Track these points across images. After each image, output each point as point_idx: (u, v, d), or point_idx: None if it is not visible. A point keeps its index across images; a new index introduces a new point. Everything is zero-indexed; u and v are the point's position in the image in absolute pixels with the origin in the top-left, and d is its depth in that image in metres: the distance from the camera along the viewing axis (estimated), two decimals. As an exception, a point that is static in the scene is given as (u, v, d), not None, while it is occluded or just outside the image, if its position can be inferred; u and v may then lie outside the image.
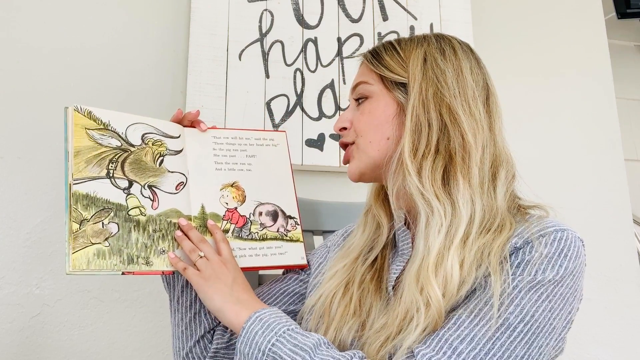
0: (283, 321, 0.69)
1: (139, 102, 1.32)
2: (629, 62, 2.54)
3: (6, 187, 1.22)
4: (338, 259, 0.82)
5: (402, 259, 0.76)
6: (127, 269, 0.75)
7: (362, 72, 0.81)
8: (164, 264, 0.78)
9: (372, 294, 0.75)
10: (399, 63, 0.76)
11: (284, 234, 0.89)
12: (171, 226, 0.81)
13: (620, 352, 1.54)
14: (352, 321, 0.73)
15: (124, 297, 1.24)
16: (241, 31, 1.39)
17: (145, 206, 0.80)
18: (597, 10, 1.77)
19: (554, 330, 0.63)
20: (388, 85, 0.77)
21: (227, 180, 0.88)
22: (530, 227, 0.67)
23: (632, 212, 1.65)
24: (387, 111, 0.76)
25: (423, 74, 0.74)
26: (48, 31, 1.30)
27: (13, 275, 1.19)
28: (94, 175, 0.77)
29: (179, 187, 0.84)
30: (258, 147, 0.93)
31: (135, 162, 0.82)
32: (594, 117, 1.67)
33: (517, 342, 0.61)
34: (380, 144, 0.76)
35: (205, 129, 0.89)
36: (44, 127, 1.25)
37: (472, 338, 0.61)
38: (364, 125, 0.77)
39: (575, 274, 0.65)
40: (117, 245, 0.76)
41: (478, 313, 0.63)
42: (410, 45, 0.78)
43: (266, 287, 0.90)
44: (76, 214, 0.74)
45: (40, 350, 1.18)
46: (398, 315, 0.66)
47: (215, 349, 0.83)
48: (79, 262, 0.72)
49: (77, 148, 0.77)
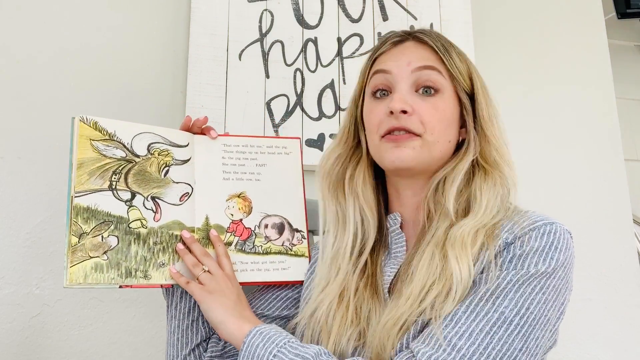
0: (283, 335, 0.69)
1: (139, 102, 1.32)
2: (629, 62, 2.54)
3: (6, 187, 1.22)
4: (328, 267, 0.80)
5: (396, 262, 0.76)
6: (125, 282, 0.75)
7: (426, 57, 0.77)
8: (163, 277, 0.78)
9: (368, 300, 0.74)
10: (466, 71, 0.78)
11: (289, 248, 0.87)
12: (172, 238, 0.80)
13: (620, 352, 1.54)
14: (351, 330, 0.73)
15: (124, 297, 1.24)
16: (241, 31, 1.39)
17: (147, 218, 0.79)
18: (597, 10, 1.76)
19: (549, 322, 0.65)
20: (457, 88, 0.77)
21: (234, 191, 0.86)
22: (519, 222, 0.69)
23: (632, 212, 1.65)
24: (454, 114, 0.77)
25: (482, 92, 0.78)
26: (48, 31, 1.30)
27: (13, 275, 1.19)
28: (96, 187, 0.77)
29: (183, 198, 0.83)
30: (269, 155, 0.90)
31: (140, 173, 0.81)
32: (594, 117, 1.67)
33: (514, 335, 0.62)
34: (444, 146, 0.76)
35: (215, 136, 0.87)
36: (44, 127, 1.25)
37: (470, 334, 0.62)
38: (438, 123, 0.75)
39: (566, 265, 0.67)
40: (115, 258, 0.75)
41: (474, 309, 0.63)
42: (463, 54, 0.80)
43: (259, 293, 0.89)
44: (76, 227, 0.74)
45: (40, 350, 1.18)
46: (412, 293, 0.67)
47: (209, 357, 0.82)
48: (76, 275, 0.72)
49: (80, 160, 0.77)
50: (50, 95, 1.27)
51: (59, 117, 1.24)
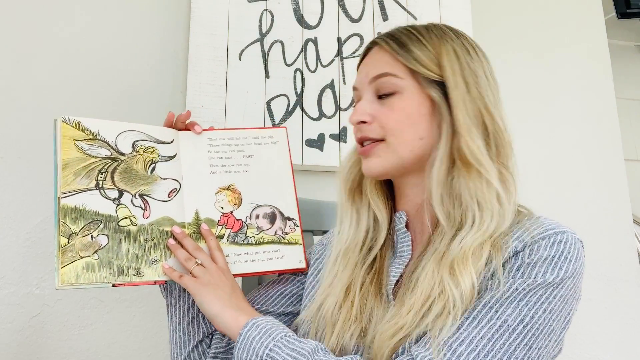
0: (280, 328, 0.69)
1: (139, 102, 1.32)
2: (629, 62, 2.54)
3: (6, 187, 1.22)
4: (338, 260, 0.80)
5: (401, 262, 0.75)
6: (118, 281, 0.75)
7: (384, 61, 0.75)
8: (156, 273, 0.77)
9: (372, 297, 0.74)
10: (431, 58, 0.73)
11: (282, 237, 0.86)
12: (163, 235, 0.80)
13: (620, 352, 1.54)
14: (354, 327, 0.72)
15: (124, 297, 1.24)
16: (241, 31, 1.39)
17: (136, 216, 0.79)
18: (597, 10, 1.77)
19: (553, 332, 0.63)
20: (421, 82, 0.73)
21: (222, 184, 0.86)
22: (530, 229, 0.67)
23: (632, 212, 1.65)
24: (421, 110, 0.73)
25: (461, 74, 0.72)
26: (47, 31, 1.30)
27: (13, 275, 1.19)
28: (82, 187, 0.77)
29: (171, 194, 0.82)
30: (256, 146, 0.90)
31: (126, 171, 0.80)
32: (594, 117, 1.67)
33: (516, 344, 0.61)
34: (413, 144, 0.72)
35: (200, 131, 0.87)
36: (44, 128, 1.25)
37: (471, 340, 0.61)
38: (396, 123, 0.73)
39: (576, 275, 0.65)
40: (106, 257, 0.75)
41: (477, 315, 0.63)
42: (434, 38, 0.75)
43: (263, 290, 0.89)
44: (64, 228, 0.73)
45: (40, 350, 1.18)
46: (414, 305, 0.66)
47: (214, 354, 0.82)
48: (67, 276, 0.72)
49: (65, 160, 0.77)
50: (50, 96, 1.27)
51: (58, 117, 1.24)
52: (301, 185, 1.02)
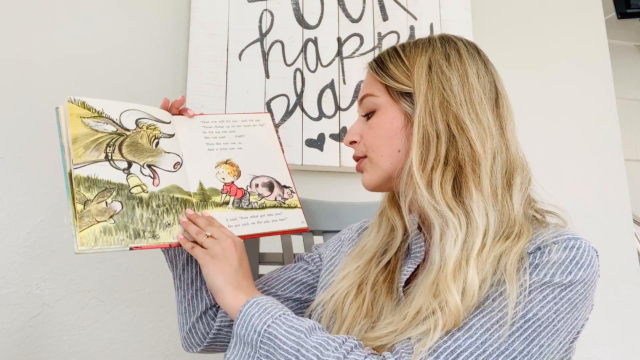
0: (280, 307, 0.71)
1: (139, 102, 1.31)
2: (629, 62, 2.54)
3: (6, 187, 1.22)
4: (352, 258, 0.82)
5: (414, 262, 0.76)
6: (135, 244, 0.77)
7: (368, 83, 0.80)
8: (171, 236, 0.80)
9: (384, 295, 0.76)
10: (404, 72, 0.75)
11: (282, 202, 0.92)
12: (174, 201, 0.83)
13: (620, 352, 1.54)
14: (364, 322, 0.74)
15: (124, 297, 1.24)
16: (241, 31, 1.39)
17: (146, 184, 0.81)
18: (597, 10, 1.77)
19: (557, 333, 0.63)
20: (394, 96, 0.76)
21: (220, 158, 0.90)
22: (543, 234, 0.67)
23: (632, 212, 1.65)
24: (395, 123, 0.75)
25: (428, 82, 0.73)
26: (48, 31, 1.30)
27: (13, 275, 1.19)
28: (93, 159, 0.79)
29: (176, 166, 0.86)
30: (245, 127, 0.96)
31: (132, 144, 0.84)
32: (594, 117, 1.67)
33: (515, 337, 0.61)
34: (392, 157, 0.75)
35: (192, 114, 0.92)
36: (44, 128, 1.25)
37: (469, 327, 0.62)
38: (374, 139, 0.77)
39: (588, 282, 0.65)
40: (122, 221, 0.77)
41: (479, 306, 0.63)
42: (415, 51, 0.76)
43: (275, 273, 0.92)
44: (79, 196, 0.76)
45: (40, 350, 1.18)
46: (407, 316, 0.66)
47: (218, 327, 0.85)
48: (86, 239, 0.74)
49: (74, 135, 0.79)
50: (50, 95, 1.27)
51: (59, 117, 1.24)
52: (301, 185, 1.02)
